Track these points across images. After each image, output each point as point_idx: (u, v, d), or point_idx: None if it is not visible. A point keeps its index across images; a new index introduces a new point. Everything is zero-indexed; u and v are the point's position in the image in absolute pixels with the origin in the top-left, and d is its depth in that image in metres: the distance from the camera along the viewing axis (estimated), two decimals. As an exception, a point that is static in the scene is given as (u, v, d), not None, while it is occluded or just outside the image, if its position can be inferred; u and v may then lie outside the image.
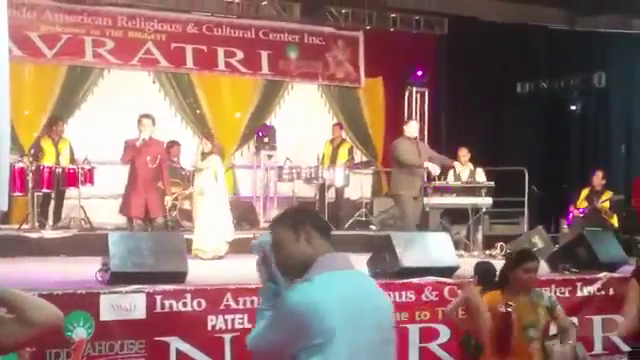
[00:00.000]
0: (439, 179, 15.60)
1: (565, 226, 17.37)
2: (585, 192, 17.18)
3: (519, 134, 21.24)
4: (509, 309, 6.82)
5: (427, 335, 9.96)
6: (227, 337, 8.71)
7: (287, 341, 3.75)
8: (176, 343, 8.41)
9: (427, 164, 14.73)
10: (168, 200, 15.27)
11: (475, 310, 7.10)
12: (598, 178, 17.13)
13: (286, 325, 3.74)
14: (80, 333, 8.10)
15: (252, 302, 8.56)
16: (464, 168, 16.15)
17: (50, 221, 15.54)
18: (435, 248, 10.67)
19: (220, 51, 19.17)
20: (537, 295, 7.15)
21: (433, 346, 10.00)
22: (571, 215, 17.17)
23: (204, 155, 14.29)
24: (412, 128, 15.11)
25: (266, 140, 18.44)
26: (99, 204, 16.52)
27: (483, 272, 8.66)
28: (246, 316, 8.68)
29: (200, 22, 19.03)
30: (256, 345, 3.91)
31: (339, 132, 18.63)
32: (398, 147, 14.85)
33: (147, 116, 14.04)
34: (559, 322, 7.21)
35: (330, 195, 17.97)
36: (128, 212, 14.15)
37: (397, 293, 9.78)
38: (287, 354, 3.75)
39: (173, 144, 16.83)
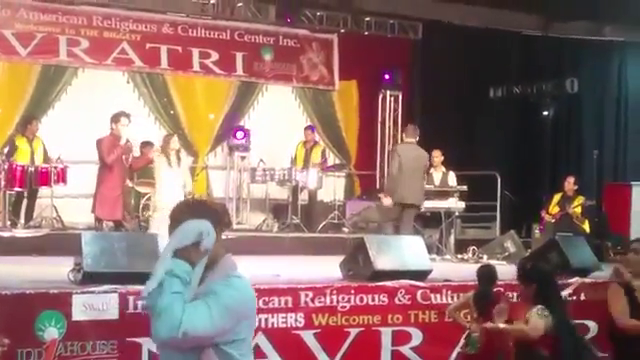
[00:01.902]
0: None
1: (537, 231, 17.45)
2: (557, 197, 17.28)
3: (492, 139, 21.36)
4: None
5: (399, 338, 10.00)
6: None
7: (227, 330, 3.85)
8: (148, 344, 8.34)
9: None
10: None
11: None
12: (570, 183, 17.23)
13: (234, 314, 3.85)
14: (52, 333, 8.08)
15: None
16: (437, 171, 16.20)
17: (22, 220, 15.46)
18: (408, 251, 10.72)
19: (195, 52, 19.11)
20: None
21: (405, 349, 10.04)
22: (543, 220, 17.26)
23: (177, 153, 14.23)
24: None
25: (240, 141, 18.43)
26: (71, 203, 16.46)
27: (484, 275, 8.76)
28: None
29: (175, 23, 18.96)
30: (204, 330, 3.79)
31: (311, 135, 18.62)
32: None
33: (127, 115, 13.91)
34: None
35: (303, 197, 17.98)
36: (111, 215, 13.84)
37: (370, 296, 9.82)
38: (212, 343, 3.84)
39: (147, 144, 16.75)
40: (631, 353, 7.90)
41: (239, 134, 18.52)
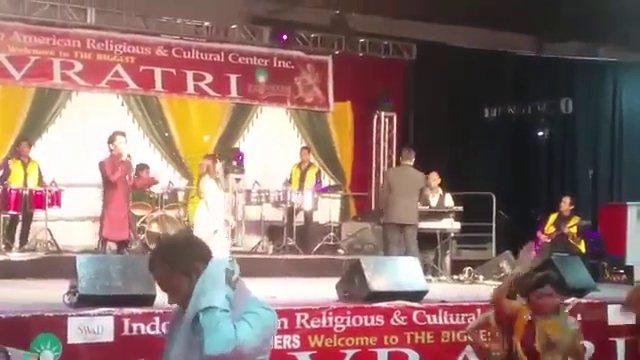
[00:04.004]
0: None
1: (533, 251, 17.43)
2: (553, 217, 17.26)
3: (487, 159, 21.35)
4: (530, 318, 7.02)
5: (396, 359, 9.97)
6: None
7: (259, 348, 3.83)
8: (143, 366, 8.36)
9: None
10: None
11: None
12: (565, 204, 17.22)
13: (264, 334, 3.86)
14: (47, 356, 8.06)
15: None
16: (433, 193, 16.16)
17: (17, 243, 15.41)
18: (404, 272, 10.71)
19: (189, 74, 19.10)
20: (563, 317, 7.41)
21: (401, 370, 10.01)
22: (539, 240, 17.25)
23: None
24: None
25: (235, 164, 18.39)
26: (65, 226, 16.42)
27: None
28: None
29: (169, 45, 18.96)
30: (250, 347, 3.79)
31: (307, 156, 18.63)
32: None
33: (122, 133, 13.87)
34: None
35: (298, 219, 17.96)
36: (119, 235, 13.76)
37: (366, 317, 9.82)
38: None
39: (142, 167, 16.73)
40: None
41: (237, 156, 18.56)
